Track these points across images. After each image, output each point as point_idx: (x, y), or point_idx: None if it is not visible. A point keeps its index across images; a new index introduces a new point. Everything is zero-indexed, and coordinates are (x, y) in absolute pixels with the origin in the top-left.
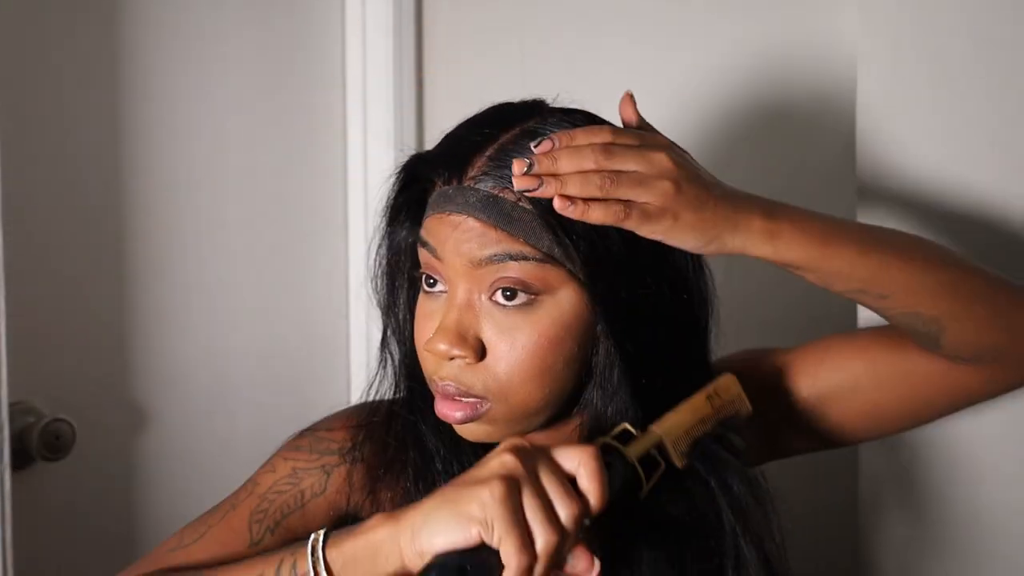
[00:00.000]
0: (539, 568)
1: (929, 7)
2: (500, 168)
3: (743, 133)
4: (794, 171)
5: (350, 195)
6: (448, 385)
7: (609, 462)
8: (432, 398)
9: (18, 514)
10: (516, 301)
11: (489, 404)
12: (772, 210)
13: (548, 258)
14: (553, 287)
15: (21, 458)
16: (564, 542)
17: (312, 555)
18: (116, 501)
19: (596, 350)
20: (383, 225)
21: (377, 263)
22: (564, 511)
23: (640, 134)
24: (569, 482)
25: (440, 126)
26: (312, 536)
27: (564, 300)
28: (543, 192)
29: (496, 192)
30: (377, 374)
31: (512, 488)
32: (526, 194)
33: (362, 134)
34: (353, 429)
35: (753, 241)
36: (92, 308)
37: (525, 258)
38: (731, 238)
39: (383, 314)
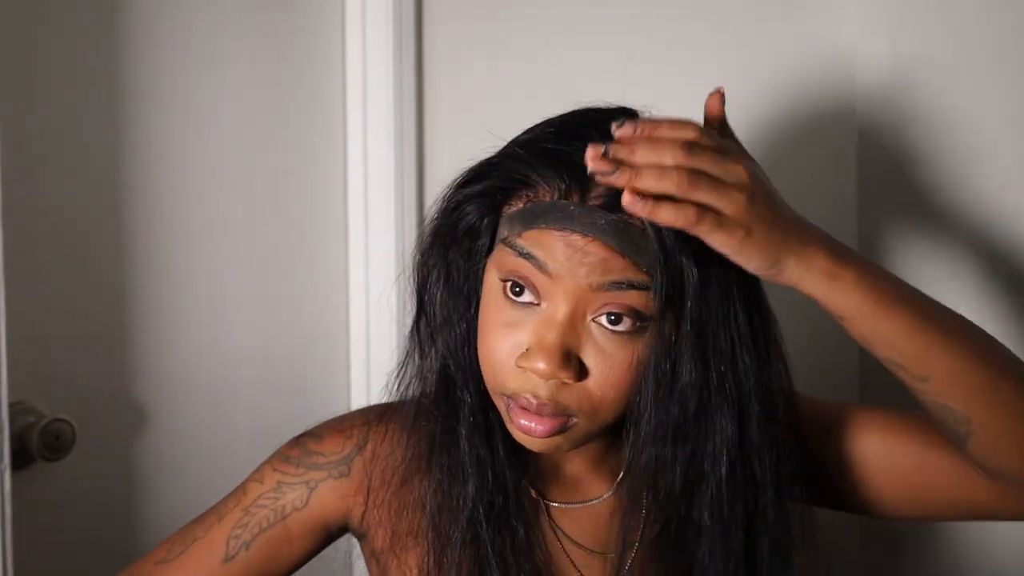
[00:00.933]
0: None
1: (929, 8)
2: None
3: (743, 134)
4: (794, 171)
5: (350, 196)
6: (545, 405)
7: None
8: (481, 406)
9: (18, 514)
10: (621, 327)
11: (576, 421)
12: (839, 251)
13: (663, 285)
14: (655, 316)
15: (21, 458)
16: None
17: None
18: (116, 501)
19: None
20: (451, 211)
21: (434, 252)
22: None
23: (722, 140)
24: None
25: (440, 126)
26: None
27: (670, 323)
28: (615, 180)
29: (626, 218)
30: (403, 369)
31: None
32: (597, 177)
33: (362, 135)
34: (345, 439)
35: (813, 276)
36: (92, 308)
37: (645, 287)
38: (793, 267)
39: (422, 307)
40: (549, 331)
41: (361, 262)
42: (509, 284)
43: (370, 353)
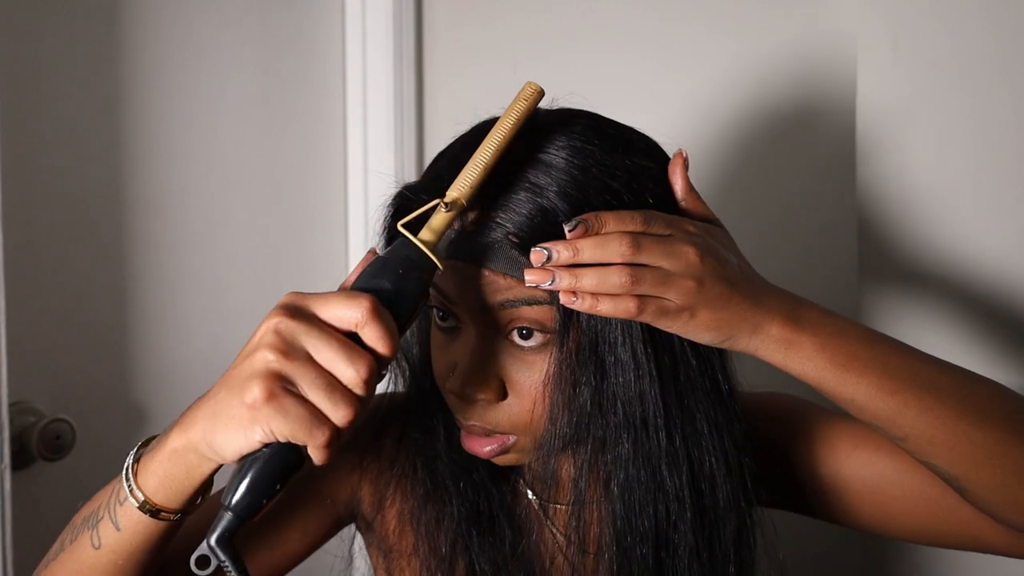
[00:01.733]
0: (345, 432)
1: (929, 7)
2: (500, 209)
3: (743, 134)
4: (794, 171)
5: (350, 196)
6: (474, 427)
7: (400, 278)
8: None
9: (18, 514)
10: (533, 341)
11: (515, 438)
12: (796, 317)
13: (555, 299)
14: (566, 324)
15: (21, 458)
16: (363, 402)
17: (127, 481)
18: None
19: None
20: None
21: None
22: (350, 376)
23: (671, 221)
24: (351, 337)
25: (440, 126)
26: (127, 458)
27: (570, 337)
28: (556, 286)
29: (501, 237)
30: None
31: (274, 385)
32: (539, 288)
33: (362, 135)
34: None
35: (767, 347)
36: (92, 308)
37: (538, 302)
38: (747, 339)
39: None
40: (465, 354)
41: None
42: (435, 310)
43: None
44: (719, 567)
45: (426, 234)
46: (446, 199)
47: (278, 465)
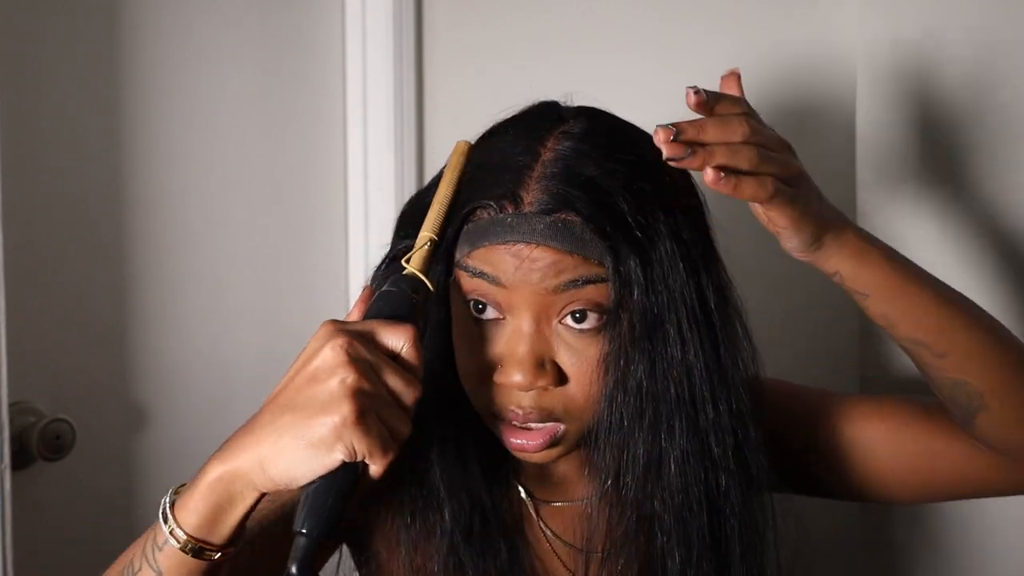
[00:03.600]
0: (396, 452)
1: (929, 7)
2: (556, 188)
3: None
4: None
5: (350, 196)
6: (531, 413)
7: (410, 307)
8: (454, 428)
9: (18, 514)
10: (587, 323)
11: (565, 427)
12: (862, 230)
13: (613, 276)
14: (616, 304)
15: (21, 458)
16: (410, 422)
17: (165, 523)
18: (116, 501)
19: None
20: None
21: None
22: (408, 396)
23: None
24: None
25: (440, 126)
26: (161, 502)
27: (624, 316)
28: (690, 163)
29: (565, 216)
30: None
31: (364, 407)
32: (670, 163)
33: (362, 135)
34: None
35: (844, 253)
36: (92, 308)
37: (601, 279)
38: (830, 243)
39: None
40: (519, 343)
41: (361, 262)
42: (472, 304)
43: None
44: (762, 534)
45: (417, 264)
46: (423, 239)
47: (343, 483)
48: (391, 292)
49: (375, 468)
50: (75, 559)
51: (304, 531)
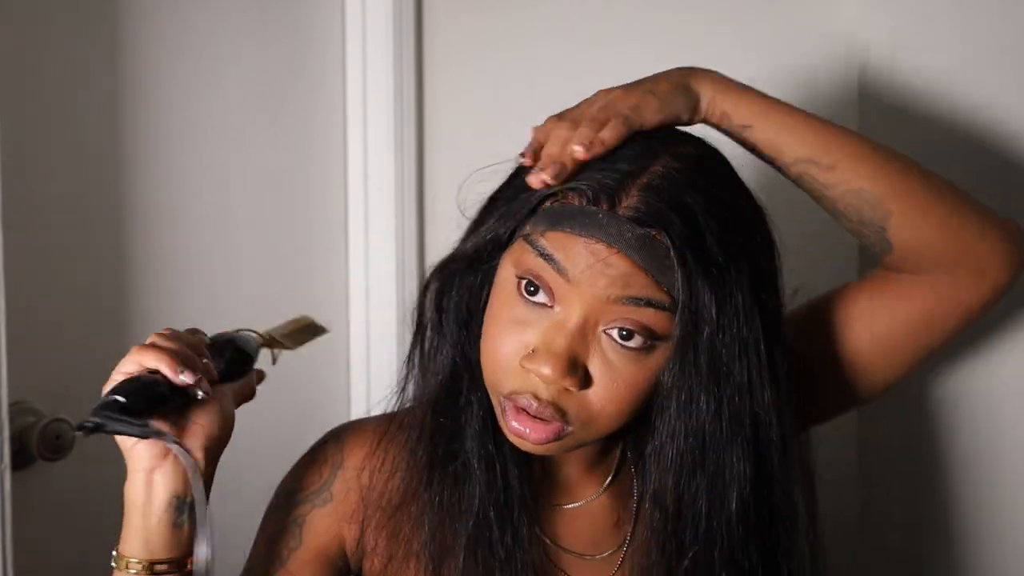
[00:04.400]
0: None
1: (929, 7)
2: (654, 203)
3: None
4: None
5: (350, 196)
6: (546, 408)
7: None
8: (490, 404)
9: (18, 514)
10: (632, 343)
11: (572, 429)
12: (722, 78)
13: (675, 308)
14: (668, 336)
15: (21, 458)
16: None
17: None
18: (116, 501)
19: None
20: (496, 234)
21: (467, 247)
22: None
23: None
24: None
25: (440, 126)
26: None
27: (668, 349)
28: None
29: (654, 234)
30: (406, 375)
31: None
32: (533, 184)
33: (362, 134)
34: (319, 466)
35: (717, 88)
36: (92, 308)
37: (663, 307)
38: (699, 90)
39: (440, 307)
40: (559, 336)
41: (361, 262)
42: (524, 282)
43: (370, 353)
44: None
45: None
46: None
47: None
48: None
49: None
50: (75, 559)
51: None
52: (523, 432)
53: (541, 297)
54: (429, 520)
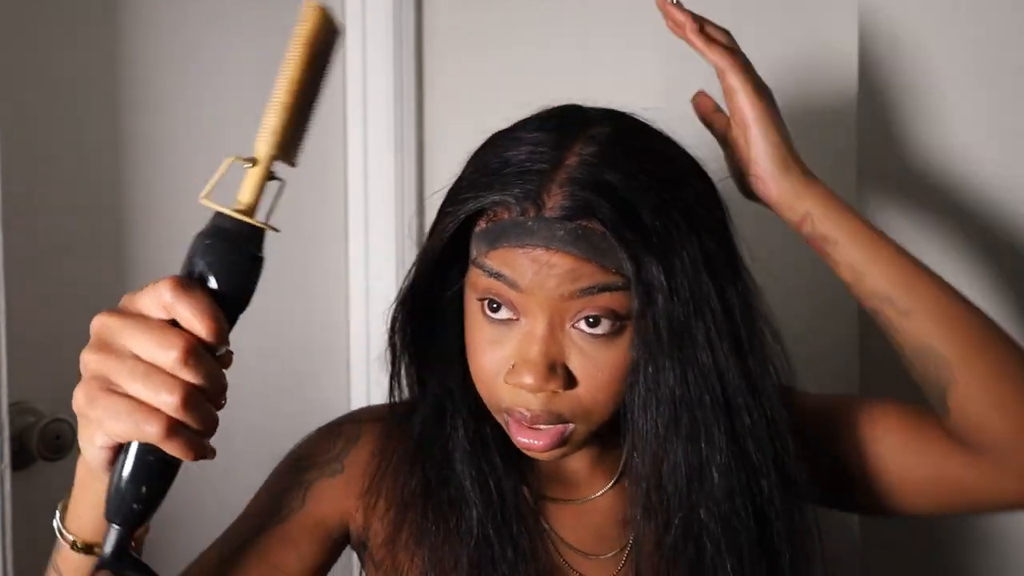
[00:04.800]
0: (190, 418)
1: (929, 7)
2: (578, 194)
3: None
4: None
5: (350, 196)
6: (539, 415)
7: (218, 250)
8: (476, 425)
9: (18, 514)
10: (600, 329)
11: (573, 427)
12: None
13: (629, 283)
14: (632, 311)
15: (21, 458)
16: (203, 378)
17: (59, 533)
18: None
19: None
20: (433, 253)
21: (414, 284)
22: (165, 359)
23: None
24: (170, 323)
25: (440, 125)
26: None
27: (649, 323)
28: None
29: (585, 224)
30: (392, 385)
31: (91, 387)
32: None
33: (362, 134)
34: (334, 437)
35: (817, 191)
36: (92, 308)
37: (617, 287)
38: (799, 176)
39: (405, 337)
40: (531, 345)
41: (361, 263)
42: (486, 303)
43: (370, 353)
44: (810, 543)
45: (241, 196)
46: (248, 156)
47: (136, 467)
48: (196, 236)
49: (167, 447)
50: None
51: (115, 522)
52: (530, 444)
53: (505, 313)
54: (430, 545)
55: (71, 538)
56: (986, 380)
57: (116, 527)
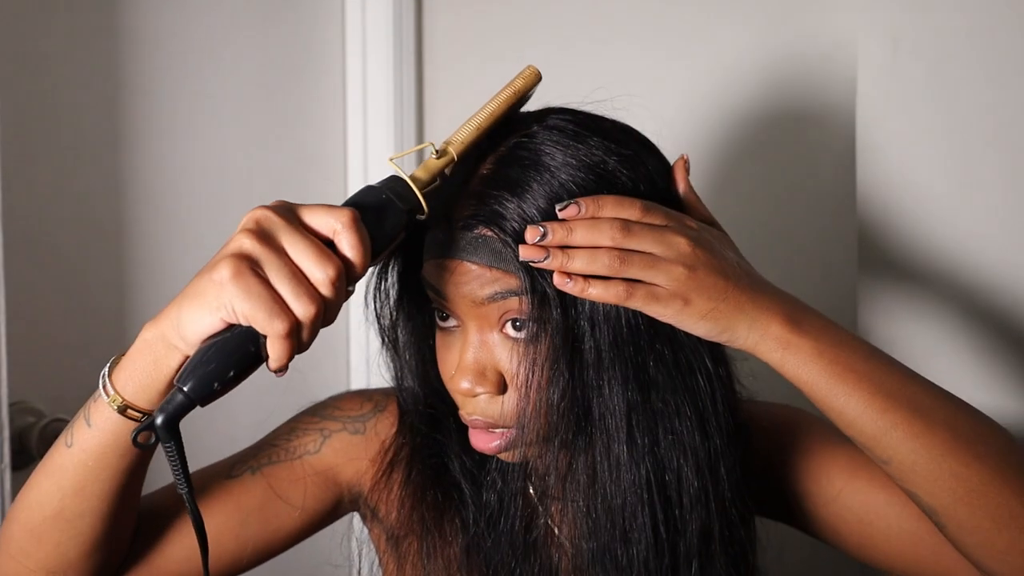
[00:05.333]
0: (305, 332)
1: (929, 7)
2: (478, 204)
3: (743, 134)
4: (794, 172)
5: (350, 196)
6: (476, 420)
7: (383, 205)
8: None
9: None
10: (524, 333)
11: (513, 431)
12: (797, 319)
13: (530, 292)
14: (535, 319)
15: (21, 458)
16: (328, 305)
17: (102, 380)
18: None
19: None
20: (393, 266)
21: (383, 298)
22: (318, 275)
23: (670, 214)
24: (326, 243)
25: (440, 125)
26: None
27: (543, 333)
28: (547, 265)
29: (484, 232)
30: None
31: (242, 265)
32: (531, 263)
33: (362, 135)
34: (364, 399)
35: (766, 345)
36: (92, 308)
37: (525, 292)
38: (745, 334)
39: (393, 340)
40: (465, 351)
41: None
42: (437, 311)
43: (370, 353)
44: (680, 563)
45: (418, 172)
46: (439, 147)
47: (234, 350)
48: (372, 187)
49: (271, 345)
50: None
51: (184, 388)
52: (480, 446)
53: (451, 321)
54: (426, 547)
55: (111, 392)
56: (977, 533)
57: (183, 395)
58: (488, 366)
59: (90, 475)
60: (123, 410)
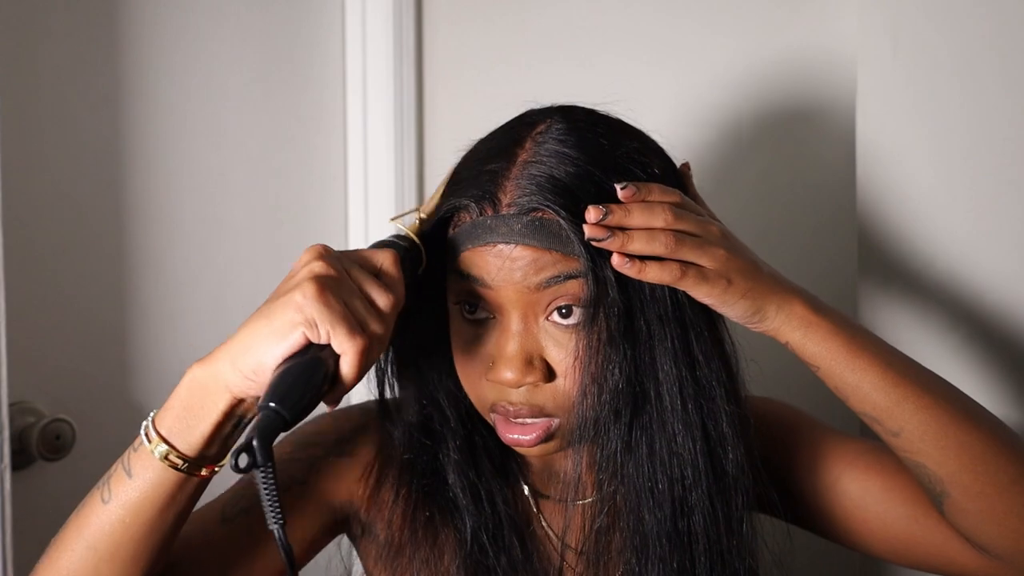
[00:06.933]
0: (375, 353)
1: (929, 7)
2: (531, 188)
3: (743, 134)
4: (794, 172)
5: (350, 196)
6: (521, 408)
7: (403, 255)
8: (465, 432)
9: (18, 514)
10: (573, 319)
11: (558, 420)
12: (816, 303)
13: (589, 273)
14: (592, 301)
15: (21, 458)
16: (386, 331)
17: (144, 432)
18: None
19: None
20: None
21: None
22: (382, 300)
23: (697, 206)
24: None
25: (440, 126)
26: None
27: (600, 313)
28: (608, 244)
29: (541, 214)
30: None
31: (325, 285)
32: (592, 242)
33: (362, 135)
34: (345, 419)
35: (791, 323)
36: (92, 308)
37: (582, 274)
38: (774, 314)
39: (391, 354)
40: (508, 341)
41: None
42: (463, 305)
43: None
44: (735, 532)
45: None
46: (423, 212)
47: (314, 370)
48: (382, 240)
49: (346, 362)
50: None
51: (272, 404)
52: (518, 440)
53: (481, 312)
54: (423, 557)
55: (154, 437)
56: (981, 499)
57: (276, 414)
58: (535, 354)
59: (126, 532)
60: (165, 455)
